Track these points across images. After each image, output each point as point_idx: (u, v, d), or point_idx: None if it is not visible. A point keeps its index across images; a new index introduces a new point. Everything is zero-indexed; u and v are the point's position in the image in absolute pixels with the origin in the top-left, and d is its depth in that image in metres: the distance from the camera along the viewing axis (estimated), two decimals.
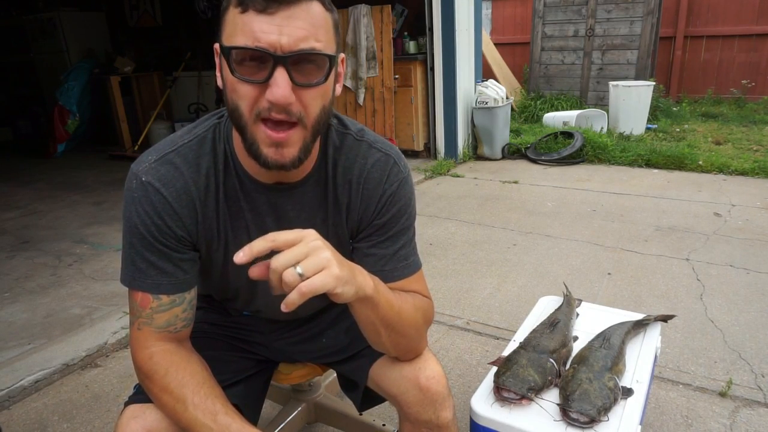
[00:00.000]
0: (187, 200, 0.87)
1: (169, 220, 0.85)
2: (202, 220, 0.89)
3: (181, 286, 0.88)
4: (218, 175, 0.89)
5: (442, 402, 0.98)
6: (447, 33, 4.62)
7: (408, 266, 0.95)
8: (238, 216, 0.92)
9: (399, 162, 0.95)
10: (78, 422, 1.75)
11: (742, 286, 2.42)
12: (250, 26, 0.71)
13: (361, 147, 0.93)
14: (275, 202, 0.91)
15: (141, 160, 0.87)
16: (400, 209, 0.94)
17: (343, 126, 0.94)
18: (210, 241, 0.92)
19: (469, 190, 4.11)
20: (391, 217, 0.93)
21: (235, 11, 0.73)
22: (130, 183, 0.85)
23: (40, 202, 4.24)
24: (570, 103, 6.33)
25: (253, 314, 1.14)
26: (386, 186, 0.93)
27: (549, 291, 2.40)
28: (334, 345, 1.15)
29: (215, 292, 1.12)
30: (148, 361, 0.86)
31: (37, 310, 2.45)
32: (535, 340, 1.23)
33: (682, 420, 1.63)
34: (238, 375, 1.09)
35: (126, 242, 0.87)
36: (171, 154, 0.87)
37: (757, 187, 3.81)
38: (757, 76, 6.56)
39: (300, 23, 0.72)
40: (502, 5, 7.94)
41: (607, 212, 3.45)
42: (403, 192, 0.94)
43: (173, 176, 0.85)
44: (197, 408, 0.82)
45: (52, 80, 6.13)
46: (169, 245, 0.86)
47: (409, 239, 0.97)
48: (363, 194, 0.93)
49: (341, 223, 0.95)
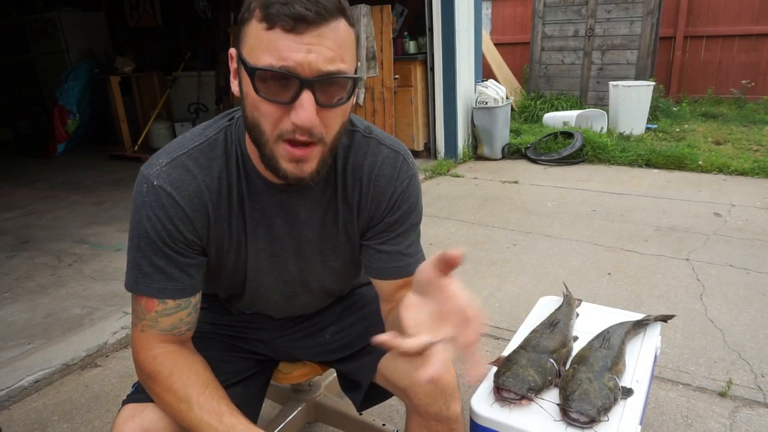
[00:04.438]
0: (200, 204, 0.85)
1: (181, 225, 0.84)
2: (213, 224, 0.88)
3: (187, 291, 0.88)
4: (230, 178, 0.88)
5: (452, 393, 0.98)
6: (447, 33, 4.62)
7: (417, 262, 0.95)
8: (250, 217, 0.91)
9: (408, 159, 0.95)
10: (78, 422, 1.75)
11: (742, 286, 2.41)
12: (275, 45, 0.69)
13: (369, 144, 0.93)
14: (286, 202, 0.91)
15: (151, 163, 0.85)
16: (411, 206, 0.95)
17: (351, 124, 0.93)
18: (221, 243, 0.91)
19: (469, 190, 4.11)
20: (402, 214, 0.94)
21: (259, 26, 0.70)
22: (140, 186, 0.84)
23: (40, 202, 4.24)
24: (570, 103, 6.33)
25: (256, 312, 1.14)
26: (397, 183, 0.93)
27: (549, 291, 2.40)
28: (337, 341, 1.14)
29: (221, 292, 1.12)
30: (152, 362, 0.86)
31: (37, 310, 2.45)
32: (535, 340, 1.23)
33: (682, 420, 1.63)
34: (238, 375, 1.08)
35: (132, 245, 0.85)
36: (183, 156, 0.85)
37: (757, 187, 3.81)
38: (757, 76, 6.56)
39: (328, 43, 0.70)
40: (502, 5, 7.94)
41: (607, 212, 3.45)
42: (412, 189, 0.95)
43: (186, 180, 0.84)
44: (202, 408, 0.82)
45: (52, 80, 6.13)
46: (178, 250, 0.85)
47: (418, 235, 0.99)
48: (374, 192, 0.93)
49: (352, 221, 0.95)
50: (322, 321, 1.16)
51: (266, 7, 0.69)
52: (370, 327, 1.08)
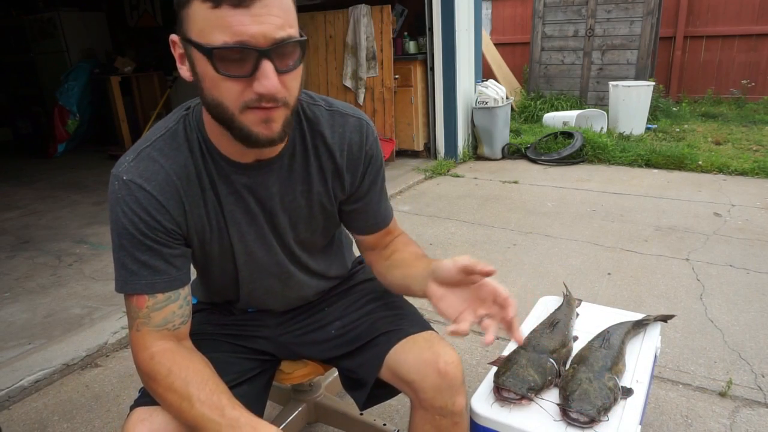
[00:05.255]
0: (172, 191, 0.88)
1: (157, 215, 0.86)
2: (189, 210, 0.90)
3: (174, 283, 0.89)
4: (197, 164, 0.90)
5: (458, 387, 1.00)
6: (447, 33, 4.62)
7: (389, 209, 1.11)
8: (225, 201, 0.93)
9: (369, 122, 1.02)
10: (78, 422, 1.75)
11: (741, 286, 2.42)
12: (226, 21, 0.71)
13: (334, 117, 0.99)
14: (257, 180, 0.93)
15: (119, 163, 0.89)
16: (379, 164, 1.05)
17: (311, 99, 0.99)
18: (201, 231, 0.93)
19: (469, 190, 4.11)
20: (375, 174, 1.04)
21: (203, 6, 0.72)
22: (112, 186, 0.87)
23: (40, 202, 4.24)
24: (570, 103, 6.33)
25: (258, 308, 1.14)
26: (367, 147, 1.00)
27: (549, 291, 2.40)
28: (343, 335, 1.13)
29: (217, 294, 1.12)
30: (150, 362, 0.86)
31: (37, 310, 2.45)
32: (535, 340, 1.23)
33: (681, 420, 1.63)
34: (242, 376, 1.08)
35: (115, 246, 0.87)
36: (147, 149, 0.88)
37: (757, 187, 3.82)
38: (757, 76, 6.56)
39: (275, 11, 0.73)
40: (502, 5, 7.94)
41: (607, 212, 3.45)
42: (377, 148, 1.03)
43: (154, 170, 0.87)
44: (204, 404, 0.81)
45: (52, 80, 6.13)
46: (159, 240, 0.87)
47: (385, 187, 1.10)
48: (348, 159, 0.99)
49: (327, 191, 1.00)
50: (327, 317, 1.16)
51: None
52: (377, 321, 1.10)
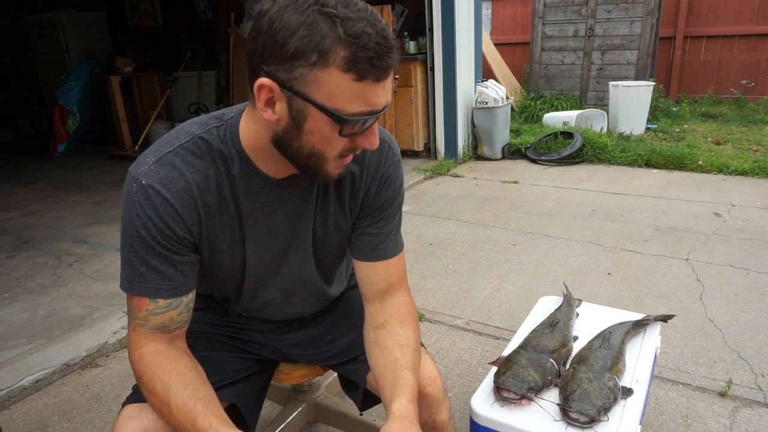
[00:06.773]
0: (189, 201, 0.86)
1: (172, 223, 0.85)
2: (204, 220, 0.89)
3: (180, 290, 0.88)
4: (219, 176, 0.88)
5: (438, 406, 1.01)
6: (447, 33, 4.62)
7: (397, 245, 1.03)
8: (248, 216, 0.92)
9: (392, 145, 1.00)
10: (78, 422, 1.75)
11: (741, 286, 2.42)
12: (365, 94, 0.74)
13: None
14: (285, 195, 0.93)
15: (139, 163, 0.86)
16: (396, 190, 1.01)
17: None
18: (213, 240, 0.92)
19: (469, 190, 4.11)
20: (388, 198, 1.00)
21: (344, 76, 0.72)
22: (129, 187, 0.84)
23: (40, 202, 4.24)
24: (570, 103, 6.33)
25: (252, 314, 1.14)
26: (384, 168, 0.98)
27: (549, 291, 2.40)
28: (332, 349, 1.15)
29: (217, 292, 1.12)
30: (139, 362, 0.86)
31: (37, 310, 2.46)
32: (535, 340, 1.24)
33: (681, 420, 1.63)
34: (237, 375, 1.08)
35: (125, 246, 0.86)
36: (170, 154, 0.85)
37: (757, 187, 3.82)
38: (757, 76, 6.56)
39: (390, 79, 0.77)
40: (502, 5, 7.94)
41: (607, 212, 3.45)
42: (398, 173, 1.00)
43: (174, 177, 0.84)
44: (180, 411, 0.82)
45: (52, 80, 6.13)
46: (170, 248, 0.86)
47: (400, 218, 1.05)
48: (366, 178, 0.97)
49: (344, 209, 0.99)
50: (318, 329, 1.18)
51: (356, 62, 0.71)
52: (361, 336, 1.07)
